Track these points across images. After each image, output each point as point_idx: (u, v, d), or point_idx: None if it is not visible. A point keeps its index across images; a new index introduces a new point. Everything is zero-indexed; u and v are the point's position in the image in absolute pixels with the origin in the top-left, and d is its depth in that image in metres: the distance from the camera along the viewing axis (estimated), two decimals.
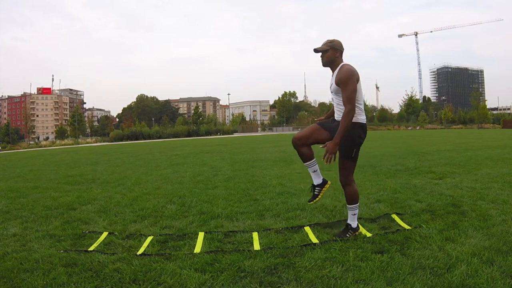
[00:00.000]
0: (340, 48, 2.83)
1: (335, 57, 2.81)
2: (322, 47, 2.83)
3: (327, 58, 2.84)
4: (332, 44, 2.80)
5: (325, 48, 2.81)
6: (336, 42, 2.82)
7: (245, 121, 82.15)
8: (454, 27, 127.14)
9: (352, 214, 2.88)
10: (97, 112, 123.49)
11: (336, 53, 2.81)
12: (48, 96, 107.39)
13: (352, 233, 2.83)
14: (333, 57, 2.81)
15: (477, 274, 2.04)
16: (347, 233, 2.82)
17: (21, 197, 5.06)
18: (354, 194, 2.86)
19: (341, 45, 2.85)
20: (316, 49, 2.85)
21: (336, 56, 2.81)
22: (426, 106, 74.17)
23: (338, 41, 2.85)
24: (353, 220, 2.87)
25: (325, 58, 2.85)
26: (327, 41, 2.85)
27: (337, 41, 2.85)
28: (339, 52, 2.82)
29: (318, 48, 2.84)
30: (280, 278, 2.14)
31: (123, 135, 49.25)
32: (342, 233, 2.85)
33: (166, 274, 2.22)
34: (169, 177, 6.59)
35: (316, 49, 2.85)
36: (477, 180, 5.05)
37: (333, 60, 2.82)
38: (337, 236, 2.83)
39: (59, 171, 8.60)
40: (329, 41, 2.83)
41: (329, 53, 2.81)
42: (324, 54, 2.84)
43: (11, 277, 2.25)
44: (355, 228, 2.85)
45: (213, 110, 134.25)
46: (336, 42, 2.83)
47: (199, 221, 3.42)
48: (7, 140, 52.65)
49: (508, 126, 45.06)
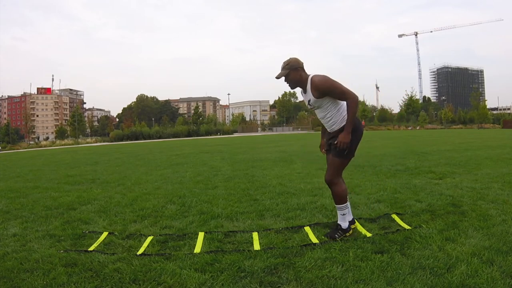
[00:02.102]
0: (299, 65, 2.73)
1: (299, 75, 2.73)
2: (282, 73, 2.73)
3: (292, 80, 2.75)
4: (290, 66, 2.71)
5: (285, 73, 2.72)
6: (292, 62, 2.73)
7: (245, 121, 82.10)
8: (454, 27, 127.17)
9: (341, 214, 2.81)
10: (97, 112, 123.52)
11: (298, 72, 2.72)
12: (48, 96, 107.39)
13: (342, 233, 2.76)
14: (297, 76, 2.73)
15: (477, 274, 2.04)
16: (336, 233, 2.76)
17: (21, 197, 5.06)
18: (342, 193, 2.79)
19: (298, 61, 2.75)
20: (277, 76, 2.76)
21: (299, 74, 2.73)
22: (426, 106, 74.16)
23: (294, 59, 2.76)
24: (343, 220, 2.81)
25: (290, 81, 2.76)
26: (283, 65, 2.75)
27: (293, 59, 2.75)
28: (300, 69, 2.73)
29: (279, 74, 2.75)
30: (280, 278, 2.14)
31: (123, 135, 49.22)
32: (331, 233, 2.79)
33: (166, 274, 2.23)
34: (169, 177, 6.59)
35: (277, 76, 2.76)
36: (477, 180, 5.04)
37: (299, 80, 2.75)
38: (326, 235, 2.79)
39: (59, 171, 8.60)
40: (285, 64, 2.73)
41: (292, 75, 2.73)
42: (287, 78, 2.74)
43: (11, 277, 2.25)
44: (346, 229, 2.79)
45: (213, 110, 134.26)
46: (292, 61, 2.74)
47: (199, 221, 3.42)
48: (7, 140, 52.62)
49: (508, 126, 45.03)
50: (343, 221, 2.81)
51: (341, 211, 2.81)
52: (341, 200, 2.80)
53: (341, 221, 2.82)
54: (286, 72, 2.73)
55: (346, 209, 2.82)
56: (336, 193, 2.80)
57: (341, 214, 2.82)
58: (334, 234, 2.76)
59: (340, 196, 2.79)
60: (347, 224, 2.81)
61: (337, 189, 2.79)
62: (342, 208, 2.81)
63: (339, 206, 2.81)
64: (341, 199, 2.79)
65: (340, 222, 2.83)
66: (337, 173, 2.81)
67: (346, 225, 2.81)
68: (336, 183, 2.80)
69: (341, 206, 2.80)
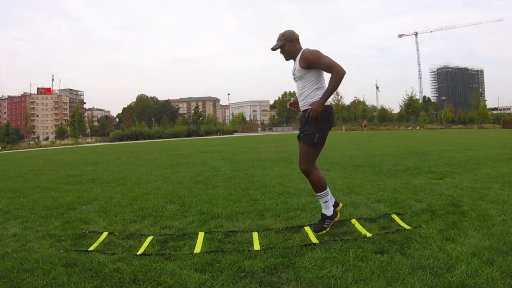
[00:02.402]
0: (294, 36, 2.80)
1: (294, 47, 2.79)
2: (278, 44, 2.80)
3: (287, 51, 2.81)
4: (285, 37, 2.78)
5: (280, 44, 2.79)
6: (287, 33, 2.79)
7: (245, 121, 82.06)
8: (454, 27, 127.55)
9: (323, 202, 2.78)
10: (97, 112, 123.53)
11: (293, 43, 2.79)
12: (48, 96, 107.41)
13: (330, 221, 2.73)
14: (292, 47, 2.79)
15: (477, 274, 2.04)
16: (324, 223, 2.74)
17: (21, 197, 5.06)
18: (319, 181, 2.76)
19: (294, 33, 2.82)
20: (273, 48, 2.81)
21: (294, 45, 2.79)
22: (426, 106, 74.18)
23: (289, 31, 2.82)
24: (327, 208, 2.78)
25: (285, 53, 2.82)
26: (279, 36, 2.82)
27: (289, 31, 2.82)
28: (295, 41, 2.80)
29: (274, 46, 2.81)
30: (280, 278, 2.14)
31: (123, 135, 49.19)
32: (320, 226, 2.77)
33: (166, 274, 2.23)
34: (169, 177, 6.59)
35: (273, 47, 2.81)
36: (477, 180, 5.04)
37: (293, 51, 2.80)
38: (315, 230, 2.76)
39: (59, 171, 8.60)
40: (281, 35, 2.80)
41: (286, 46, 2.79)
42: (283, 49, 2.81)
43: (11, 277, 2.25)
44: (332, 215, 2.76)
45: (213, 110, 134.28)
46: (288, 33, 2.80)
47: (199, 221, 3.42)
48: (7, 140, 52.57)
49: (508, 126, 45.01)
50: (327, 209, 2.79)
51: (322, 199, 2.78)
52: (320, 188, 2.76)
53: (325, 209, 2.80)
54: (281, 44, 2.78)
55: (327, 196, 2.78)
56: (313, 182, 2.76)
57: (323, 202, 2.79)
58: (322, 226, 2.73)
59: (317, 184, 2.76)
60: (331, 210, 2.78)
61: (313, 178, 2.76)
62: (322, 196, 2.77)
63: (319, 194, 2.78)
64: (320, 187, 2.76)
65: (324, 211, 2.80)
66: (310, 162, 2.77)
67: (331, 212, 2.77)
68: (311, 172, 2.76)
69: (321, 194, 2.77)
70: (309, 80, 2.77)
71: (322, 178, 2.78)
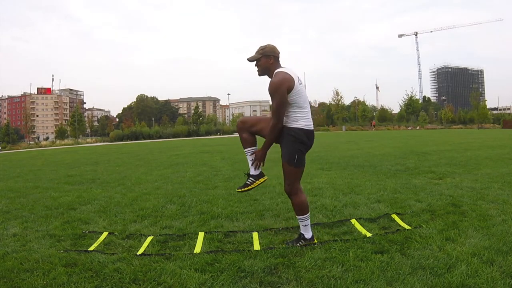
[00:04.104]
0: (273, 53, 2.61)
1: (269, 64, 2.61)
2: (254, 56, 2.63)
3: (261, 67, 2.64)
4: (264, 51, 2.60)
5: (257, 57, 2.62)
6: (267, 48, 2.61)
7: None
8: (454, 27, 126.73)
9: (303, 225, 2.67)
10: (97, 112, 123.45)
11: (270, 60, 2.60)
12: (48, 96, 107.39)
13: (304, 243, 2.63)
14: (268, 64, 2.61)
15: (477, 274, 2.04)
16: (299, 242, 2.65)
17: (21, 197, 5.06)
18: (302, 204, 2.63)
19: (274, 50, 2.63)
20: (248, 59, 2.66)
21: (270, 63, 2.61)
22: (426, 106, 74.08)
23: (270, 46, 2.64)
24: (306, 231, 2.67)
25: (259, 66, 2.64)
26: (259, 48, 2.64)
27: (269, 46, 2.63)
28: (272, 58, 2.61)
29: (251, 57, 2.64)
30: (280, 278, 2.15)
31: (123, 135, 49.14)
32: (294, 241, 2.68)
33: (166, 274, 2.23)
34: (169, 177, 6.59)
35: (249, 58, 2.66)
36: (477, 180, 5.05)
37: (268, 68, 2.62)
38: (287, 243, 2.68)
39: (59, 171, 8.60)
40: (261, 48, 2.63)
41: (262, 61, 2.61)
42: (258, 63, 2.64)
43: (11, 277, 2.25)
44: (310, 239, 2.66)
45: (213, 110, 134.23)
46: (268, 48, 2.62)
47: (199, 221, 3.42)
48: (7, 140, 52.58)
49: (508, 126, 44.97)
50: (306, 232, 2.68)
51: (302, 222, 2.67)
52: (302, 211, 2.65)
53: (304, 231, 2.68)
54: (258, 57, 2.62)
55: (308, 220, 2.68)
56: (296, 204, 2.65)
57: (303, 225, 2.68)
58: (295, 244, 2.64)
59: (299, 207, 2.64)
60: (310, 234, 2.69)
61: (296, 200, 2.65)
62: (304, 220, 2.66)
63: (300, 217, 2.66)
64: (301, 210, 2.64)
65: (303, 232, 2.68)
66: (293, 183, 2.65)
67: (309, 235, 2.68)
68: (295, 194, 2.65)
69: (302, 218, 2.66)
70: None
71: (305, 203, 2.67)
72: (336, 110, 61.53)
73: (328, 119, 63.38)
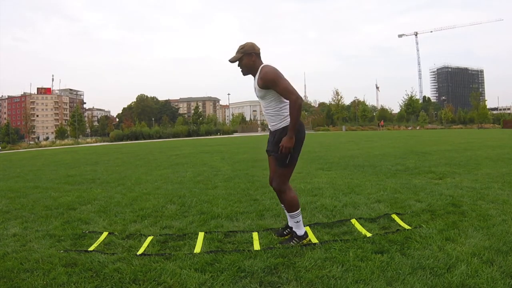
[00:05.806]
0: (254, 50, 2.60)
1: (252, 62, 2.59)
2: (236, 56, 2.61)
3: (244, 66, 2.62)
4: (244, 50, 2.58)
5: (239, 56, 2.59)
6: (247, 46, 2.60)
7: (245, 121, 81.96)
8: (454, 27, 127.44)
9: (295, 222, 2.66)
10: (97, 112, 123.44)
11: (252, 57, 2.59)
12: (48, 96, 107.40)
13: (298, 241, 2.63)
14: (250, 62, 2.59)
15: (477, 274, 2.04)
16: (292, 241, 2.64)
17: (21, 197, 5.06)
18: (292, 200, 2.63)
19: (254, 46, 2.61)
20: (230, 60, 2.64)
21: (252, 60, 2.59)
22: (426, 106, 74.08)
23: (249, 44, 2.62)
24: (298, 228, 2.66)
25: (242, 66, 2.63)
26: (238, 48, 2.62)
27: (249, 44, 2.62)
28: (254, 56, 2.60)
29: (232, 58, 2.62)
30: (280, 278, 2.15)
31: (123, 135, 49.14)
32: (286, 241, 2.66)
33: (166, 274, 2.23)
34: (169, 177, 6.59)
35: (230, 59, 2.64)
36: (477, 180, 5.05)
37: (252, 66, 2.61)
38: (280, 243, 2.67)
39: (59, 171, 8.60)
40: (241, 47, 2.61)
41: (245, 60, 2.60)
42: (240, 63, 2.62)
43: (11, 277, 2.25)
44: (302, 236, 2.65)
45: (213, 110, 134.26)
46: (248, 46, 2.60)
47: (199, 221, 3.42)
48: (7, 140, 52.59)
49: (508, 126, 44.97)
50: (298, 229, 2.67)
51: (294, 219, 2.66)
52: (292, 208, 2.64)
53: (296, 228, 2.67)
54: (239, 56, 2.59)
55: (300, 216, 2.67)
56: (286, 200, 2.64)
57: (294, 222, 2.66)
58: (289, 243, 2.63)
59: (290, 203, 2.64)
60: (303, 231, 2.67)
61: (286, 197, 2.64)
62: (295, 216, 2.65)
63: (291, 214, 2.65)
64: (292, 206, 2.64)
65: (295, 230, 2.67)
66: (283, 182, 2.65)
67: (302, 232, 2.67)
68: (284, 191, 2.64)
69: (293, 214, 2.65)
70: (271, 99, 2.60)
71: (295, 198, 2.65)
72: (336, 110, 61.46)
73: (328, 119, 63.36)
